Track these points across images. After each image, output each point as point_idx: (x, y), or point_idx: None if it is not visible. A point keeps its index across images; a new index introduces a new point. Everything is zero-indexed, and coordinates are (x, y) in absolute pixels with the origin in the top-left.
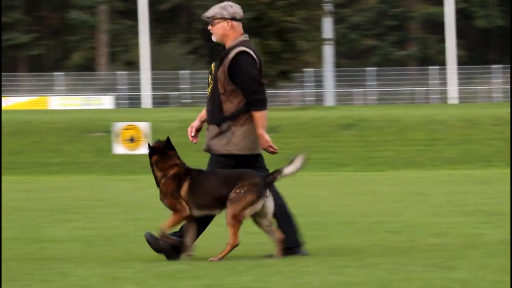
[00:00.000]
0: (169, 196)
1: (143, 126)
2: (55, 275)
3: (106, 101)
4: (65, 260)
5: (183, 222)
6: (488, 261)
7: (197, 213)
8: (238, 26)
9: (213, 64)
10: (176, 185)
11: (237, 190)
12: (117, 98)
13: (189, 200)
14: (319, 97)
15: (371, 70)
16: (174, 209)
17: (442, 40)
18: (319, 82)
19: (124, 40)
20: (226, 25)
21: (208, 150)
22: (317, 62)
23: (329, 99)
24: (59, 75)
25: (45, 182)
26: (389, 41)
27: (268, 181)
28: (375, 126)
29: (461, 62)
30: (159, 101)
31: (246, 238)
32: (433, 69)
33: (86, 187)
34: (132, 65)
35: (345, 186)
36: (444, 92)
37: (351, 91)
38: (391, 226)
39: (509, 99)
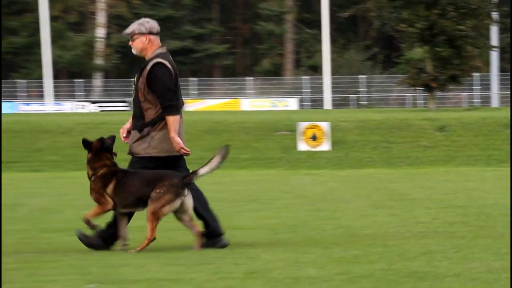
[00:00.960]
0: (96, 192)
1: (324, 126)
2: (243, 259)
3: (291, 103)
4: (253, 246)
5: (104, 214)
6: None
7: (122, 210)
8: (156, 39)
9: (136, 75)
10: (102, 184)
11: (157, 190)
12: (301, 100)
13: (115, 199)
14: (486, 99)
15: None
16: (99, 202)
17: None
18: (485, 85)
19: (308, 47)
20: (144, 40)
21: (130, 153)
22: (484, 67)
23: (495, 101)
24: (249, 79)
25: (236, 176)
26: None
27: (185, 181)
28: None
29: None
30: (339, 103)
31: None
32: None
33: (272, 180)
34: (315, 70)
35: (509, 181)
36: None
37: None
38: None
39: None
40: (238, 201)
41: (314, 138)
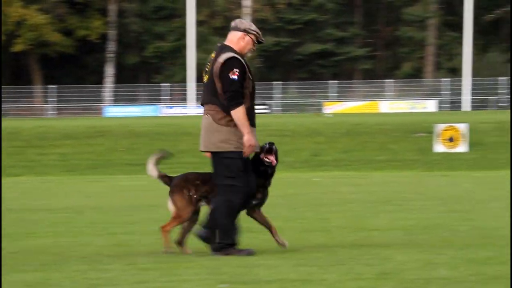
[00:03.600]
0: None
1: (462, 127)
2: (376, 260)
3: (429, 105)
4: (386, 247)
5: None
6: None
7: None
8: None
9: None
10: None
11: None
12: (440, 103)
13: None
14: None
15: None
16: None
17: None
18: None
19: (449, 50)
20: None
21: None
22: None
23: None
24: (389, 82)
25: (371, 177)
26: None
27: None
28: None
29: None
30: (478, 105)
31: None
32: None
33: (407, 182)
34: (455, 72)
35: None
36: None
37: None
38: None
39: None
40: (372, 202)
41: (451, 139)
